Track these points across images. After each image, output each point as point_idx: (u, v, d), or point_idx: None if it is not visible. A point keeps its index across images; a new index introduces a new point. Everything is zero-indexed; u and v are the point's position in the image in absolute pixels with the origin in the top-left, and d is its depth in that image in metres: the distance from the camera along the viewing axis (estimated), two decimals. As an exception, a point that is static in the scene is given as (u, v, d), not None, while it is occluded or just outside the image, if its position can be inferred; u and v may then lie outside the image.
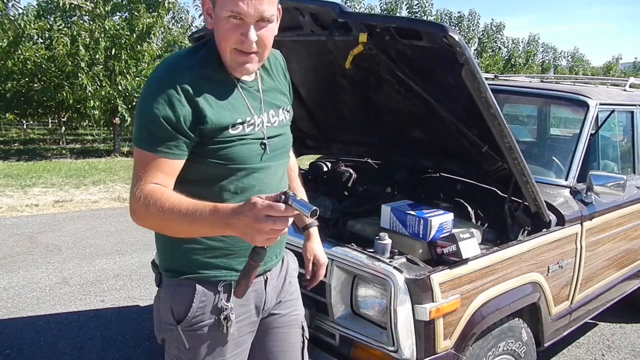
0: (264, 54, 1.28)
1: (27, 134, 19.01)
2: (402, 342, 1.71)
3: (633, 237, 3.02)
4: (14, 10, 11.41)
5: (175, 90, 1.19)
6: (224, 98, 1.27)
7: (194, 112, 1.20)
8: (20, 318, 3.40)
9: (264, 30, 1.23)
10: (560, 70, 24.66)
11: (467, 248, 1.83)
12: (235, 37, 1.21)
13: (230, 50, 1.23)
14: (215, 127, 1.23)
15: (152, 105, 1.18)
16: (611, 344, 3.34)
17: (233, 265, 1.35)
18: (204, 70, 1.26)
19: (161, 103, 1.18)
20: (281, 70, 1.48)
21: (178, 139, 1.20)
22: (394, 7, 18.78)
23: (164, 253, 1.41)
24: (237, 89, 1.31)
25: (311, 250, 1.68)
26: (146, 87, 1.24)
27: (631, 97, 3.27)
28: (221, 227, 1.09)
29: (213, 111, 1.23)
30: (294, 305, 1.57)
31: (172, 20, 17.57)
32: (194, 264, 1.34)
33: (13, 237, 5.19)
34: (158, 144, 1.19)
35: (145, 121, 1.20)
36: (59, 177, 8.73)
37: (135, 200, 1.18)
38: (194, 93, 1.20)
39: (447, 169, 2.62)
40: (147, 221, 1.20)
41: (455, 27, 16.69)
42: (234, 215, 1.06)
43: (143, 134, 1.21)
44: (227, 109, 1.26)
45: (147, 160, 1.20)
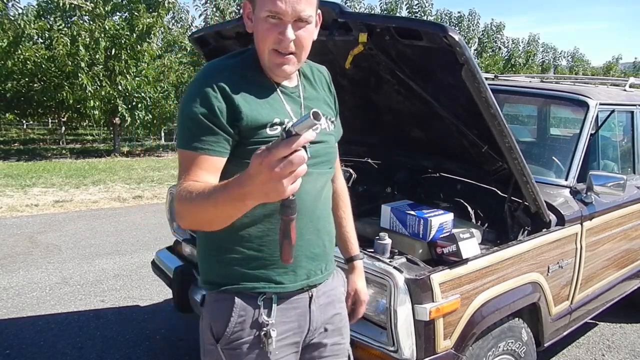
0: (302, 55, 1.27)
1: (27, 134, 19.02)
2: (402, 342, 1.71)
3: (633, 237, 3.02)
4: (14, 10, 11.43)
5: (211, 87, 1.19)
6: (262, 98, 1.26)
7: (230, 107, 1.20)
8: (20, 318, 3.40)
9: (301, 30, 1.22)
10: (560, 70, 24.67)
11: (467, 248, 1.83)
12: (273, 36, 1.21)
13: (268, 51, 1.23)
14: (251, 124, 1.21)
15: (190, 104, 1.20)
16: (611, 344, 3.34)
17: (272, 277, 1.30)
18: (243, 72, 1.26)
19: (198, 100, 1.19)
20: (325, 84, 1.47)
21: (217, 134, 1.19)
22: (394, 7, 18.79)
23: (203, 263, 1.38)
24: (277, 93, 1.29)
25: (353, 284, 1.59)
26: (188, 89, 1.25)
27: (631, 97, 3.27)
28: (240, 200, 1.00)
29: (249, 107, 1.22)
30: (341, 334, 1.48)
31: (172, 20, 17.57)
32: (231, 275, 1.30)
33: (13, 237, 5.19)
34: (197, 141, 1.19)
35: (184, 120, 1.21)
36: (59, 177, 8.73)
37: (176, 201, 1.15)
38: (230, 90, 1.20)
39: (447, 169, 2.62)
40: (185, 219, 1.15)
41: (455, 27, 16.69)
42: (244, 183, 0.97)
43: (183, 133, 1.21)
44: (264, 108, 1.25)
45: (188, 159, 1.19)
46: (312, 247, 1.34)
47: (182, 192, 1.13)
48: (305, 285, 1.34)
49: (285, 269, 1.30)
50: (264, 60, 1.26)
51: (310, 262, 1.34)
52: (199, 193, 1.09)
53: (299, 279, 1.32)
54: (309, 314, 1.36)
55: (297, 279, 1.32)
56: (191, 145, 1.19)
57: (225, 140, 1.20)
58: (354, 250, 1.61)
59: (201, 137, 1.19)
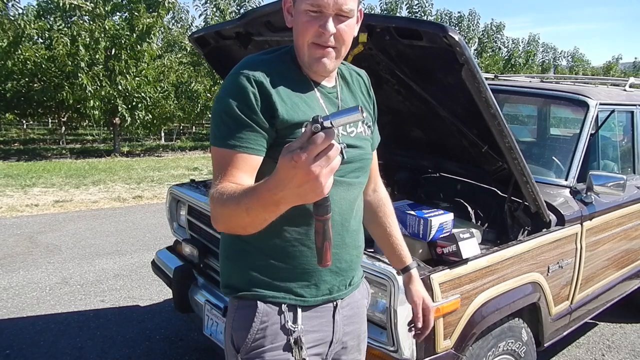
0: (342, 51, 1.21)
1: (27, 134, 19.02)
2: (402, 342, 1.71)
3: (633, 237, 3.02)
4: (14, 10, 11.44)
5: (248, 81, 1.13)
6: (298, 97, 1.20)
7: (267, 103, 1.14)
8: (20, 318, 3.40)
9: (343, 24, 1.17)
10: (560, 70, 24.67)
11: (467, 248, 1.83)
12: (314, 29, 1.16)
13: (307, 44, 1.18)
14: (287, 123, 1.15)
15: (227, 99, 1.13)
16: (611, 344, 3.34)
17: (293, 289, 1.24)
18: (281, 67, 1.21)
19: (235, 94, 1.13)
20: (365, 88, 1.44)
21: (256, 131, 1.13)
22: (394, 7, 18.79)
23: (225, 266, 1.32)
24: (315, 91, 1.24)
25: (418, 294, 1.50)
26: (223, 85, 1.19)
27: (631, 97, 3.27)
28: (274, 205, 0.93)
29: (286, 106, 1.16)
30: (359, 350, 1.42)
31: (172, 20, 17.58)
32: (253, 281, 1.24)
33: (13, 237, 5.19)
34: (235, 138, 1.12)
35: (220, 116, 1.14)
36: (59, 177, 8.73)
37: (211, 204, 1.08)
38: (268, 85, 1.14)
39: (447, 169, 2.62)
40: (220, 223, 1.08)
41: (455, 27, 16.70)
42: (275, 189, 0.89)
43: (220, 130, 1.14)
44: (301, 107, 1.19)
45: (225, 157, 1.12)
46: (338, 262, 1.28)
47: (215, 194, 1.06)
48: (327, 300, 1.29)
49: (308, 282, 1.25)
50: (303, 55, 1.20)
51: (334, 276, 1.29)
52: (230, 197, 1.02)
53: (320, 293, 1.27)
54: (333, 324, 1.30)
55: (318, 293, 1.27)
56: (228, 143, 1.12)
57: (263, 138, 1.14)
58: (407, 258, 1.53)
59: (238, 134, 1.12)
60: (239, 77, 1.14)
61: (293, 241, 1.23)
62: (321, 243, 0.96)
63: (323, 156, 0.82)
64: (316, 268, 1.24)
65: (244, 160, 1.12)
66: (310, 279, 1.25)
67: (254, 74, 1.14)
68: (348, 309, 1.35)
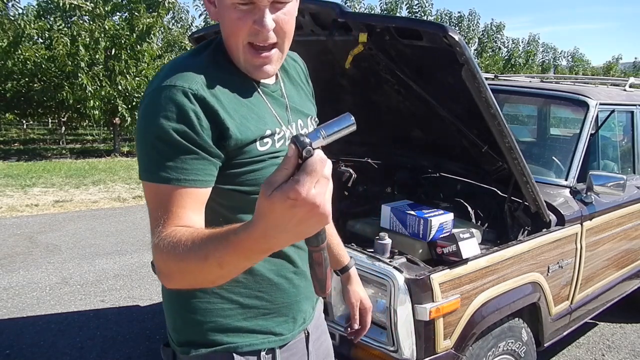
0: (285, 44, 1.01)
1: (27, 134, 19.01)
2: (402, 342, 1.71)
3: (633, 237, 3.02)
4: (14, 10, 11.43)
5: (186, 96, 0.90)
6: (245, 106, 0.99)
7: (214, 123, 0.92)
8: (20, 318, 3.40)
9: (281, 13, 0.95)
10: (560, 70, 24.65)
11: (467, 248, 1.83)
12: (247, 27, 0.94)
13: (243, 46, 0.97)
14: (241, 143, 0.95)
15: (158, 121, 0.89)
16: (611, 344, 3.34)
17: (272, 328, 1.07)
18: (217, 73, 0.98)
19: (169, 115, 0.89)
20: (303, 75, 1.24)
21: (203, 158, 0.91)
22: (394, 7, 18.78)
23: (176, 318, 1.08)
24: (259, 94, 1.04)
25: (356, 294, 1.40)
26: (147, 102, 0.93)
27: (631, 97, 3.27)
28: (263, 253, 0.76)
29: (235, 123, 0.95)
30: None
31: (172, 20, 17.58)
32: (221, 329, 1.04)
33: (13, 237, 5.19)
34: (177, 170, 0.89)
35: (152, 144, 0.90)
36: (59, 177, 8.73)
37: (155, 256, 0.86)
38: (210, 99, 0.92)
39: (447, 169, 2.62)
40: (175, 279, 0.86)
41: (455, 27, 16.70)
42: (268, 236, 0.70)
43: (154, 161, 0.90)
44: (252, 119, 0.98)
45: (165, 195, 0.89)
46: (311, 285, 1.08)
47: (164, 246, 0.83)
48: (301, 331, 1.15)
49: (286, 317, 1.10)
50: (238, 58, 0.99)
51: (307, 302, 1.16)
52: (189, 249, 0.79)
53: (297, 325, 1.13)
54: (307, 356, 1.18)
55: (295, 326, 1.13)
56: (167, 177, 0.89)
57: (212, 165, 0.93)
58: (345, 258, 1.41)
59: (180, 165, 0.89)
60: (172, 91, 0.90)
61: (267, 273, 1.06)
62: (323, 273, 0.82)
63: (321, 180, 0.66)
64: (294, 299, 1.10)
65: (190, 195, 0.90)
66: (289, 312, 1.10)
67: (192, 86, 0.91)
68: (315, 332, 1.22)
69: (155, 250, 0.86)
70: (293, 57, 1.23)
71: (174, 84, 0.91)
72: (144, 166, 0.93)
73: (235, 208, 1.00)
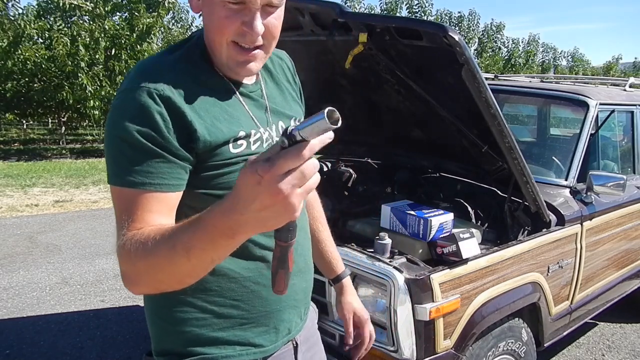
0: (271, 47, 0.98)
1: (27, 134, 19.01)
2: (402, 342, 1.71)
3: (633, 237, 3.02)
4: (14, 10, 11.43)
5: (151, 97, 0.87)
6: (218, 106, 0.95)
7: (180, 124, 0.89)
8: (20, 318, 3.40)
9: (271, 17, 0.92)
10: (560, 70, 24.65)
11: (467, 248, 1.83)
12: (235, 26, 0.90)
13: (227, 44, 0.92)
14: (210, 145, 0.91)
15: (123, 123, 0.86)
16: (611, 344, 3.34)
17: (251, 339, 1.02)
18: (189, 70, 0.95)
19: (134, 116, 0.86)
20: (290, 74, 1.18)
21: (169, 161, 0.88)
22: (394, 7, 18.78)
23: (154, 326, 1.04)
24: (236, 96, 0.99)
25: (349, 306, 1.31)
26: (114, 104, 0.90)
27: (631, 97, 3.27)
28: (229, 237, 0.71)
29: (204, 124, 0.91)
30: None
31: (172, 20, 17.59)
32: (197, 340, 0.99)
33: (13, 237, 5.19)
34: (142, 174, 0.86)
35: (118, 147, 0.87)
36: (59, 177, 8.73)
37: (121, 258, 0.83)
38: (176, 99, 0.89)
39: (447, 169, 2.62)
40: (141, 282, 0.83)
41: (455, 27, 16.69)
42: (233, 211, 0.68)
43: (119, 165, 0.88)
44: (224, 120, 0.94)
45: (131, 199, 0.86)
46: (295, 293, 1.08)
47: (129, 245, 0.80)
48: (287, 341, 1.10)
49: (266, 327, 1.03)
50: (220, 54, 0.94)
51: (292, 311, 1.09)
52: (157, 242, 0.77)
53: (280, 336, 1.07)
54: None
55: (278, 337, 1.06)
56: (133, 180, 0.86)
57: (180, 168, 0.89)
58: (339, 267, 1.33)
59: (146, 168, 0.86)
60: (137, 92, 0.87)
61: (243, 280, 1.00)
62: (275, 269, 0.79)
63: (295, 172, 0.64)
64: (275, 308, 1.04)
65: (157, 200, 0.87)
66: (269, 322, 1.04)
67: (157, 86, 0.88)
68: (305, 344, 1.16)
69: (120, 251, 0.83)
70: (279, 55, 1.17)
71: (140, 85, 0.88)
72: (110, 170, 0.90)
73: None
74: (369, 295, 1.86)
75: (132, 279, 0.83)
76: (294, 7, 2.00)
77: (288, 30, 2.22)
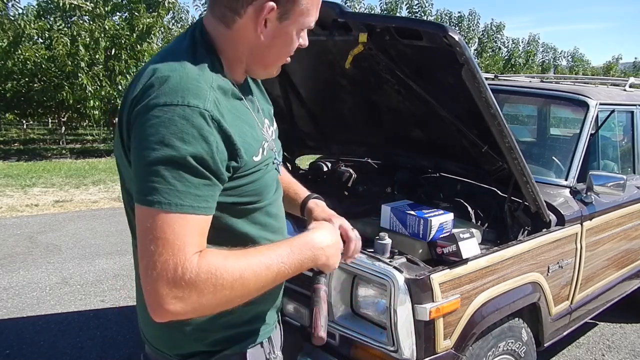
0: None
1: (27, 134, 19.02)
2: (402, 342, 1.71)
3: (633, 237, 3.02)
4: (14, 10, 11.43)
5: (204, 119, 0.85)
6: (240, 118, 0.96)
7: (228, 148, 0.89)
8: (20, 318, 3.40)
9: None
10: (560, 70, 24.65)
11: (467, 248, 1.83)
12: (291, 52, 1.05)
13: (276, 66, 1.06)
14: (246, 162, 0.94)
15: (176, 144, 0.83)
16: (611, 344, 3.34)
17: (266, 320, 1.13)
18: (219, 83, 0.94)
19: (191, 139, 0.84)
20: None
21: (214, 185, 0.88)
22: (394, 7, 18.77)
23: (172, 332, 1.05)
24: (242, 102, 1.01)
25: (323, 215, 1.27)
26: (159, 119, 0.84)
27: (631, 97, 3.27)
28: (309, 266, 0.99)
29: (242, 142, 0.92)
30: None
31: (172, 20, 17.57)
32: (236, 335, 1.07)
33: (13, 237, 5.19)
34: (190, 197, 0.84)
35: (166, 168, 0.83)
36: (59, 177, 8.73)
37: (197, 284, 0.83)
38: (223, 123, 0.89)
39: (447, 169, 2.62)
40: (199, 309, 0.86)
41: (455, 27, 16.69)
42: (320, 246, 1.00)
43: (164, 187, 0.83)
44: (249, 134, 0.97)
45: (181, 224, 0.84)
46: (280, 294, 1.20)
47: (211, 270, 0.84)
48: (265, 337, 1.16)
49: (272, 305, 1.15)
50: (266, 68, 1.05)
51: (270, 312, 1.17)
52: (251, 264, 0.88)
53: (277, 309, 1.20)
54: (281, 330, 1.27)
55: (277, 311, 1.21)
56: (184, 205, 0.84)
57: (220, 190, 0.91)
58: (303, 193, 1.35)
59: (194, 191, 0.85)
60: (187, 111, 0.85)
61: None
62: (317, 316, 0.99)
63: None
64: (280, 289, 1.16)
65: (205, 222, 0.88)
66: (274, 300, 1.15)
67: (207, 107, 0.87)
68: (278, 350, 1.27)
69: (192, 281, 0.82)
70: None
71: (189, 104, 0.85)
72: (150, 191, 0.83)
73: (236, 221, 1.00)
74: (369, 295, 1.86)
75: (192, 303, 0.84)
76: (294, 7, 1.99)
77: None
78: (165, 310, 0.83)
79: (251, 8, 0.94)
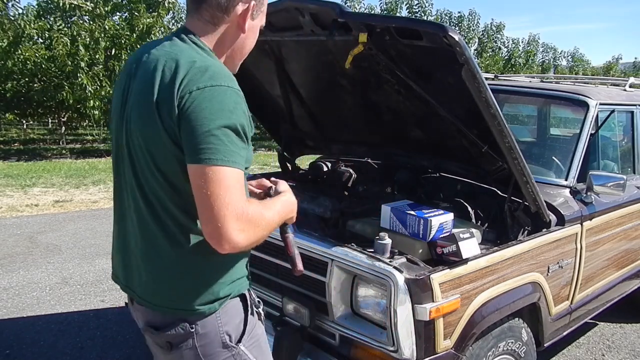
0: None
1: (27, 134, 19.01)
2: (402, 342, 1.71)
3: (633, 237, 3.02)
4: (14, 10, 11.43)
5: (242, 98, 1.15)
6: None
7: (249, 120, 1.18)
8: (20, 318, 3.40)
9: None
10: (560, 70, 24.63)
11: (467, 248, 1.83)
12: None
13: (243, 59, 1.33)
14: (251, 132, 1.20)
15: (233, 116, 1.10)
16: (611, 344, 3.34)
17: (248, 269, 1.35)
18: None
19: (238, 112, 1.12)
20: None
21: (247, 149, 1.16)
22: (394, 7, 18.76)
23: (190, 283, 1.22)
24: None
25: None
26: (211, 95, 1.10)
27: (631, 97, 3.27)
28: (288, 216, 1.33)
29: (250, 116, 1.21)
30: None
31: (172, 20, 17.56)
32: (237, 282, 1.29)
33: (13, 237, 5.19)
34: (239, 157, 1.11)
35: (225, 132, 1.08)
36: (59, 177, 8.73)
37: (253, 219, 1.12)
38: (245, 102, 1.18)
39: (447, 169, 2.62)
40: (250, 239, 1.13)
41: (455, 27, 16.69)
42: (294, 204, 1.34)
43: (225, 147, 1.08)
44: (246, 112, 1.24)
45: (236, 177, 1.10)
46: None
47: (256, 213, 1.13)
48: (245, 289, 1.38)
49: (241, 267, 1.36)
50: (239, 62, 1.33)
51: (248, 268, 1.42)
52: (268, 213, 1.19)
53: None
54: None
55: None
56: (236, 162, 1.10)
57: None
58: None
59: (242, 153, 1.12)
60: (235, 92, 1.13)
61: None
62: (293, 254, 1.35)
63: None
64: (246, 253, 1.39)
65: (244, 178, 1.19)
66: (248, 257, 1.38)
67: (239, 90, 1.16)
68: None
69: (255, 219, 1.12)
70: None
71: (230, 86, 1.13)
72: (212, 151, 1.07)
73: None
74: (369, 295, 1.87)
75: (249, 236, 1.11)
76: (294, 7, 2.00)
77: (288, 30, 2.23)
78: (232, 241, 1.08)
79: (240, 6, 1.20)
